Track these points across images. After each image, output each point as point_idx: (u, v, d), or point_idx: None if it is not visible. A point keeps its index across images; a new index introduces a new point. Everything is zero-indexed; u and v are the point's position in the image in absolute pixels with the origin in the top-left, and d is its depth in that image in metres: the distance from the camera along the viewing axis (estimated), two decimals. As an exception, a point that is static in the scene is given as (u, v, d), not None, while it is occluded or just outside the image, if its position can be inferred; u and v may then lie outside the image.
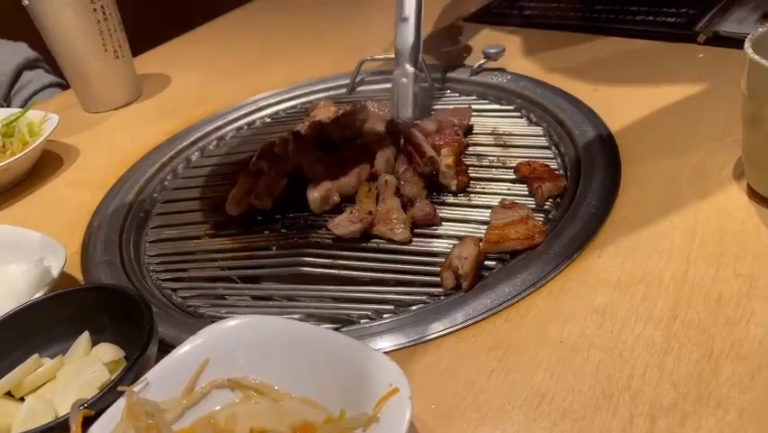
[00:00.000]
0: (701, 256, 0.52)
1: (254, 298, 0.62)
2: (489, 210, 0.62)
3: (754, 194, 0.57)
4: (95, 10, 0.96)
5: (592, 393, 0.43)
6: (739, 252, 0.52)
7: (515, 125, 0.78)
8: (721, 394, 0.42)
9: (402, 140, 0.71)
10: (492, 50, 0.89)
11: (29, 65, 1.31)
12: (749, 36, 0.53)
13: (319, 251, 0.64)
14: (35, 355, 0.51)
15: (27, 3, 0.94)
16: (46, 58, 1.26)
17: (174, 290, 0.64)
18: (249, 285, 0.64)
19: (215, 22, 1.37)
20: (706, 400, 0.41)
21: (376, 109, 0.81)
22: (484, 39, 1.01)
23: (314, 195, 0.67)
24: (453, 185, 0.66)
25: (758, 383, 0.42)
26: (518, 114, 0.80)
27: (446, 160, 0.67)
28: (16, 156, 0.83)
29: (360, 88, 0.95)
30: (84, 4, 0.95)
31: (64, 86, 1.29)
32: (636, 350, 0.46)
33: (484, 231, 0.60)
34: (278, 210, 0.71)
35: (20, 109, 0.91)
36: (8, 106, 1.24)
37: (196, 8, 1.39)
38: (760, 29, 0.54)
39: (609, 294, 0.51)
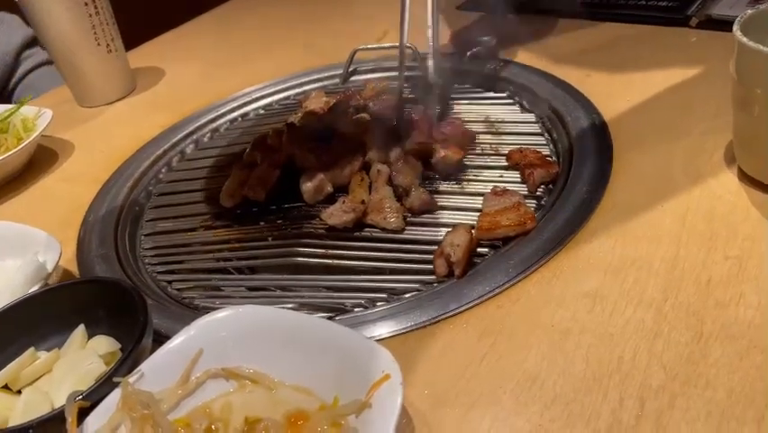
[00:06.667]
0: (692, 240, 0.53)
1: (249, 288, 0.62)
2: (482, 197, 0.62)
3: (744, 176, 0.57)
4: (86, 4, 0.95)
5: (583, 376, 0.44)
6: (729, 234, 0.52)
7: (507, 112, 0.78)
8: (710, 375, 0.42)
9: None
10: (485, 38, 0.89)
11: (28, 43, 1.29)
12: (738, 19, 0.53)
13: (313, 241, 0.64)
14: (31, 349, 0.51)
15: (18, -1, 0.95)
16: None
17: (169, 281, 0.64)
18: (244, 276, 0.64)
19: (208, 14, 1.36)
20: (695, 381, 0.42)
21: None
22: (477, 26, 1.01)
23: (306, 185, 0.67)
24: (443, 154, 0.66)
25: (747, 364, 0.42)
26: (511, 101, 0.80)
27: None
28: (11, 152, 0.83)
29: (353, 78, 0.95)
30: (75, -1, 0.94)
31: None
32: (627, 333, 0.46)
33: (477, 218, 0.60)
34: (272, 201, 0.71)
35: (13, 105, 0.91)
36: (9, 89, 1.24)
37: (188, 0, 1.38)
38: (749, 11, 0.54)
39: (600, 279, 0.51)
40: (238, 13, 1.35)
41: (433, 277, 0.56)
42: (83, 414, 0.42)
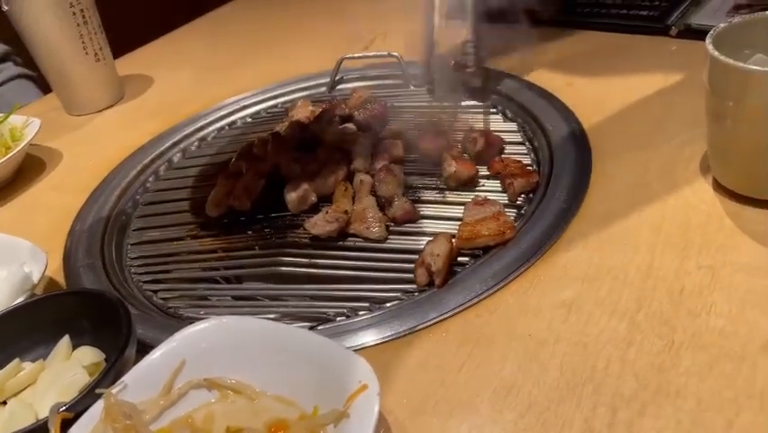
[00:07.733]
0: (666, 249, 0.54)
1: (235, 298, 0.63)
2: (463, 207, 0.63)
3: (719, 186, 0.58)
4: (74, 13, 0.96)
5: (557, 385, 0.45)
6: (703, 244, 0.53)
7: (490, 121, 0.79)
8: (681, 384, 0.43)
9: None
10: (470, 46, 0.90)
11: None
12: (710, 32, 0.54)
13: (297, 250, 0.65)
14: (16, 360, 0.52)
15: (6, 8, 0.95)
16: (17, 51, 1.24)
17: (155, 291, 0.65)
18: (229, 285, 0.65)
19: (196, 22, 1.37)
20: (666, 389, 0.43)
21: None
22: (460, 35, 1.02)
23: (291, 195, 0.68)
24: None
25: (716, 372, 0.43)
26: (494, 110, 0.81)
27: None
28: (-1, 161, 0.83)
29: (339, 86, 0.96)
30: (63, 8, 0.95)
31: (34, 77, 1.28)
32: (600, 342, 0.47)
33: (458, 227, 0.61)
34: (259, 210, 0.71)
35: (2, 114, 0.92)
36: None
37: (177, 8, 1.39)
38: (722, 24, 0.55)
39: (576, 288, 0.52)
40: (226, 21, 1.36)
41: (414, 286, 0.57)
42: (66, 425, 0.43)
